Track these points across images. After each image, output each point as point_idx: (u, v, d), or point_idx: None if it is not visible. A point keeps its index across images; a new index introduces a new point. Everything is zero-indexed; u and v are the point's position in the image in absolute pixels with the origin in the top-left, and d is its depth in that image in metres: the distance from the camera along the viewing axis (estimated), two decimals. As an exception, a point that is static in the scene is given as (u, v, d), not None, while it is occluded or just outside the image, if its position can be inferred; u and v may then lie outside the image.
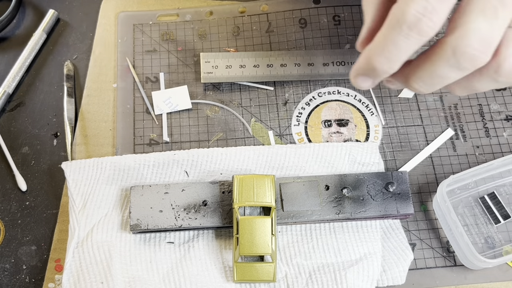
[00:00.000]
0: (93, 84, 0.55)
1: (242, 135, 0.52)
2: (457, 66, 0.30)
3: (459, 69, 0.30)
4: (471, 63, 0.30)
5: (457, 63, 0.30)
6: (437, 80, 0.31)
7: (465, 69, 0.30)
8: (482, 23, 0.29)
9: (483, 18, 0.29)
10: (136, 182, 0.48)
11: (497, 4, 0.29)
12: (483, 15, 0.29)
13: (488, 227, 0.48)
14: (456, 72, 0.30)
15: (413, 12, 0.30)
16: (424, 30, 0.31)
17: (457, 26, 0.30)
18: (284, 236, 0.47)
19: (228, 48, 0.57)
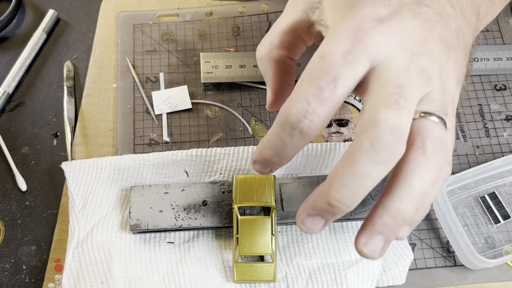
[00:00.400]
0: (93, 84, 0.55)
1: (242, 135, 0.52)
2: (378, 159, 0.31)
3: (380, 163, 0.31)
4: (388, 152, 0.31)
5: (377, 155, 0.31)
6: (360, 181, 0.31)
7: (385, 162, 0.31)
8: (389, 114, 0.31)
9: (389, 109, 0.31)
10: (136, 182, 0.48)
11: (398, 98, 0.31)
12: (388, 107, 0.31)
13: (488, 227, 0.48)
14: (377, 167, 0.31)
15: (294, 112, 0.32)
16: (305, 131, 0.32)
17: (368, 121, 0.31)
18: (284, 236, 0.46)
19: (228, 48, 0.57)
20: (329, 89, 0.32)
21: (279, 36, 0.40)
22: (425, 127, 0.32)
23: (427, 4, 0.34)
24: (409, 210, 0.32)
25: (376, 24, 0.33)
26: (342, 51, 0.32)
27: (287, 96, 0.40)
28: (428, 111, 0.33)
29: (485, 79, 0.55)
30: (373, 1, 0.34)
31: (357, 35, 0.32)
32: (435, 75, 0.33)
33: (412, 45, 0.33)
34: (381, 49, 0.33)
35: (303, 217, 0.33)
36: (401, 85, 0.32)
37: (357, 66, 0.32)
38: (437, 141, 0.32)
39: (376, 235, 0.33)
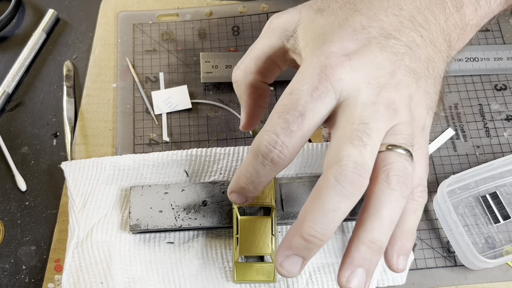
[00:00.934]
0: (93, 84, 0.55)
1: (242, 135, 0.52)
2: (344, 193, 0.32)
3: (347, 197, 0.32)
4: (353, 186, 0.32)
5: (343, 189, 0.32)
6: (330, 215, 0.32)
7: (351, 195, 0.32)
8: (352, 151, 0.32)
9: (352, 146, 0.32)
10: (136, 182, 0.48)
11: (361, 135, 0.33)
12: (352, 144, 0.32)
13: (488, 227, 0.48)
14: (344, 200, 0.32)
15: (265, 143, 0.34)
16: (275, 160, 0.34)
17: (332, 158, 0.33)
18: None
19: (228, 48, 0.56)
20: (296, 124, 0.34)
21: (254, 61, 0.41)
22: (390, 160, 0.34)
23: (395, 37, 0.36)
24: (382, 239, 0.34)
25: (343, 60, 0.34)
26: (309, 88, 0.34)
27: (259, 119, 0.44)
28: (394, 143, 0.34)
29: (486, 79, 0.55)
30: (342, 36, 0.35)
31: (323, 71, 0.34)
32: (402, 107, 0.34)
33: (380, 78, 0.34)
34: (347, 84, 0.34)
35: (281, 259, 0.34)
36: (365, 121, 0.33)
37: (323, 102, 0.34)
38: (401, 173, 0.33)
39: (357, 269, 0.34)
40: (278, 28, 0.40)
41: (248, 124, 0.44)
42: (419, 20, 0.37)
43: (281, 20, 0.40)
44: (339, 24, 0.36)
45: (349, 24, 0.36)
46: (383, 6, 0.36)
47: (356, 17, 0.36)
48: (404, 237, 0.36)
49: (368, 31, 0.35)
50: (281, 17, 0.40)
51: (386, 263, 0.37)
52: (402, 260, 0.36)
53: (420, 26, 0.37)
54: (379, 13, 0.36)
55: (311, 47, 0.37)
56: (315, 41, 0.36)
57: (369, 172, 0.33)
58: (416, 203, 0.37)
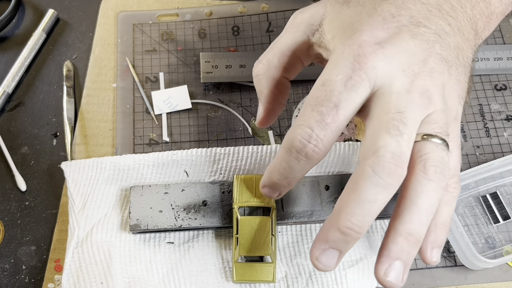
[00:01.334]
0: (93, 84, 0.55)
1: (242, 135, 0.52)
2: (381, 184, 0.32)
3: (384, 187, 0.32)
4: (390, 177, 0.32)
5: (380, 180, 0.32)
6: (368, 207, 0.32)
7: (389, 186, 0.32)
8: (389, 140, 0.32)
9: (389, 136, 0.32)
10: (136, 182, 0.48)
11: (398, 124, 0.32)
12: (389, 134, 0.32)
13: (488, 227, 0.48)
14: (382, 191, 0.32)
15: (299, 138, 0.34)
16: (310, 155, 0.34)
17: (369, 148, 0.32)
18: (284, 236, 0.46)
19: (228, 48, 0.56)
20: (330, 116, 0.33)
21: (278, 56, 0.41)
22: (427, 150, 0.33)
23: (425, 25, 0.35)
24: (420, 230, 0.33)
25: (376, 48, 0.34)
26: (343, 78, 0.33)
27: (276, 115, 0.43)
28: (430, 133, 0.33)
29: (486, 79, 0.55)
30: (372, 25, 0.35)
31: (357, 60, 0.33)
32: (436, 95, 0.34)
33: (413, 66, 0.34)
34: (381, 73, 0.33)
35: (318, 254, 0.34)
36: (401, 110, 0.33)
37: (357, 91, 0.33)
38: (438, 163, 0.33)
39: (394, 262, 0.33)
40: (302, 22, 0.39)
41: (265, 120, 0.43)
42: (446, 9, 0.36)
43: (306, 14, 0.39)
44: (368, 14, 0.35)
45: (378, 13, 0.35)
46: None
47: (384, 6, 0.36)
48: (438, 229, 0.36)
49: (398, 20, 0.35)
50: (306, 12, 0.39)
51: (420, 256, 0.36)
52: (436, 252, 0.36)
53: (448, 14, 0.36)
54: (407, 2, 0.36)
55: (340, 37, 0.36)
56: (344, 32, 0.36)
57: (407, 162, 0.32)
58: (450, 195, 0.36)
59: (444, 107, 0.34)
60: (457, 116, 0.36)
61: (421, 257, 0.36)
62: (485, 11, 0.39)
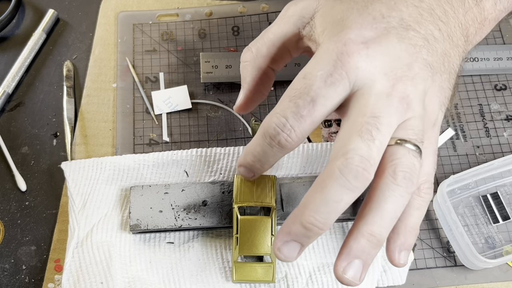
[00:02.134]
0: (93, 84, 0.55)
1: (242, 135, 0.52)
2: (347, 186, 0.32)
3: (350, 189, 0.32)
4: (357, 180, 0.32)
5: (347, 182, 0.32)
6: (332, 206, 0.32)
7: (355, 188, 0.32)
8: (360, 144, 0.32)
9: (361, 139, 0.32)
10: (136, 182, 0.48)
11: (371, 129, 0.32)
12: (361, 137, 0.32)
13: (488, 227, 0.48)
14: (347, 193, 0.32)
15: (273, 126, 0.34)
16: (283, 143, 0.35)
17: (339, 149, 0.33)
18: (284, 236, 0.46)
19: (228, 48, 0.56)
20: (306, 109, 0.34)
21: (267, 45, 0.41)
22: (398, 155, 0.33)
23: (414, 29, 0.35)
24: (382, 232, 0.33)
25: (361, 48, 0.34)
26: (323, 74, 0.34)
27: (256, 104, 0.43)
28: (404, 138, 0.34)
29: (485, 79, 0.55)
30: (361, 23, 0.35)
31: (339, 58, 0.33)
32: (416, 101, 0.34)
33: (396, 70, 0.34)
34: (362, 74, 0.33)
35: (280, 245, 0.34)
36: (377, 114, 0.33)
37: (336, 89, 0.33)
38: (407, 169, 0.33)
39: (354, 260, 0.34)
40: (294, 14, 0.39)
41: (244, 107, 0.43)
42: (438, 13, 0.36)
43: (299, 6, 0.39)
44: (359, 11, 0.35)
45: (368, 11, 0.35)
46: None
47: (376, 5, 0.36)
48: (407, 232, 0.36)
49: (388, 21, 0.35)
50: (299, 4, 0.40)
51: (388, 258, 0.36)
52: (404, 255, 0.36)
53: (439, 19, 0.36)
54: (399, 3, 0.36)
55: (328, 33, 0.36)
56: (333, 27, 0.36)
57: (375, 167, 0.33)
58: (421, 199, 0.37)
59: (422, 113, 0.34)
60: (436, 123, 0.37)
61: (389, 259, 0.37)
62: (478, 17, 0.39)
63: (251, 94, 0.42)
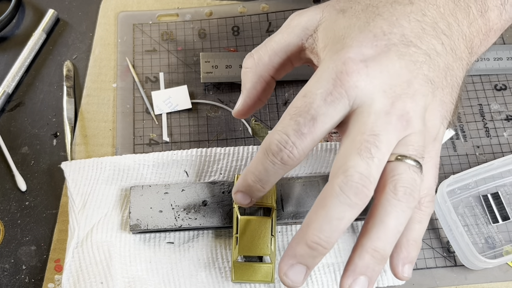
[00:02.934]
0: (93, 84, 0.55)
1: (242, 135, 0.52)
2: (348, 203, 0.32)
3: (351, 206, 0.32)
4: (357, 196, 0.32)
5: (347, 199, 0.32)
6: (336, 224, 0.33)
7: (355, 205, 0.33)
8: (359, 162, 0.33)
9: (360, 157, 0.33)
10: (136, 182, 0.48)
11: (370, 147, 0.33)
12: (360, 156, 0.33)
13: (488, 227, 0.48)
14: (349, 210, 0.33)
15: (276, 142, 0.35)
16: (285, 160, 0.35)
17: (340, 167, 0.33)
18: (284, 236, 0.46)
19: (228, 48, 0.56)
20: (307, 127, 0.34)
21: (269, 54, 0.41)
22: (399, 170, 0.34)
23: (416, 45, 0.35)
24: (386, 248, 0.34)
25: (360, 67, 0.34)
26: (323, 92, 0.34)
27: (254, 110, 0.43)
28: (404, 154, 0.34)
29: (485, 79, 0.55)
30: (361, 41, 0.35)
31: (339, 77, 0.34)
32: (416, 118, 0.34)
33: (395, 87, 0.34)
34: (361, 92, 0.34)
35: (286, 269, 0.34)
36: (376, 132, 0.33)
37: (336, 107, 0.34)
38: (408, 184, 0.33)
39: (360, 277, 0.34)
40: (298, 25, 0.40)
41: (242, 113, 0.43)
42: (442, 27, 0.36)
43: (303, 18, 0.40)
44: (360, 28, 0.36)
45: (369, 28, 0.35)
46: (406, 11, 0.36)
47: (377, 21, 0.36)
48: (410, 245, 0.37)
49: (389, 38, 0.35)
50: (303, 15, 0.40)
51: (392, 271, 0.37)
52: (408, 268, 0.37)
53: (442, 33, 0.36)
54: (401, 19, 0.36)
55: (329, 50, 0.36)
56: (334, 44, 0.36)
57: (374, 184, 0.33)
58: (422, 213, 0.37)
59: (422, 129, 0.35)
60: (437, 137, 0.37)
61: (393, 272, 0.37)
62: (483, 28, 0.39)
63: (250, 101, 0.42)
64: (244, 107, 0.43)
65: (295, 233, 0.35)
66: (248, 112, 0.43)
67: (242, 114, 0.43)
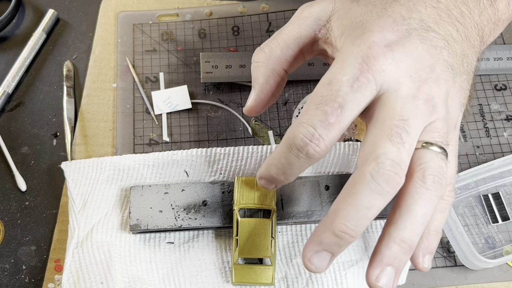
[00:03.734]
0: (93, 84, 0.55)
1: (242, 135, 0.52)
2: (379, 191, 0.32)
3: (382, 194, 0.32)
4: (388, 184, 0.32)
5: (378, 187, 0.32)
6: (364, 212, 0.32)
7: (386, 193, 0.32)
8: (391, 148, 0.32)
9: (391, 143, 0.32)
10: (136, 182, 0.48)
11: (401, 132, 0.32)
12: (391, 141, 0.32)
13: (488, 227, 0.48)
14: (379, 198, 0.32)
15: (301, 136, 0.33)
16: (311, 153, 0.34)
17: (369, 153, 0.32)
18: (284, 236, 0.46)
19: (228, 48, 0.56)
20: (335, 116, 0.33)
21: (281, 47, 0.40)
22: (426, 158, 0.33)
23: (434, 30, 0.35)
24: (413, 238, 0.33)
25: (385, 51, 0.33)
26: (349, 78, 0.33)
27: (266, 107, 0.42)
28: (431, 141, 0.33)
29: (485, 79, 0.55)
30: (382, 26, 0.34)
31: (365, 62, 0.33)
32: (440, 103, 0.34)
33: (420, 72, 0.34)
34: (388, 76, 0.33)
35: (310, 255, 0.34)
36: (405, 117, 0.32)
37: (363, 93, 0.33)
38: (436, 172, 0.33)
39: (387, 267, 0.33)
40: (310, 16, 0.39)
41: (255, 109, 0.42)
42: (455, 14, 0.36)
43: (314, 9, 0.39)
44: (378, 14, 0.35)
45: (388, 14, 0.35)
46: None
47: (395, 7, 0.35)
48: (431, 236, 0.36)
49: (408, 22, 0.34)
50: (314, 6, 0.39)
51: (412, 262, 0.36)
52: (428, 259, 0.36)
53: (456, 20, 0.36)
54: (418, 4, 0.35)
55: (349, 36, 0.36)
56: (353, 30, 0.35)
57: (405, 170, 0.32)
58: (445, 203, 0.36)
59: (446, 116, 0.34)
60: (457, 125, 0.37)
61: (413, 263, 0.36)
62: (492, 17, 0.39)
63: (262, 96, 0.41)
64: (257, 102, 0.41)
65: (322, 219, 0.34)
66: (262, 108, 0.42)
67: (255, 110, 0.42)
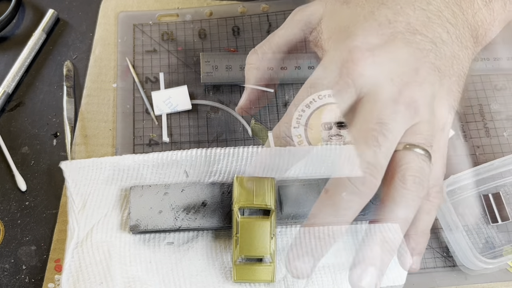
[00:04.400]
0: (93, 84, 0.55)
1: (242, 136, 0.52)
2: (356, 192, 0.32)
3: (358, 195, 0.32)
4: (365, 186, 0.32)
5: (355, 188, 0.32)
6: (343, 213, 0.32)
7: (363, 194, 0.32)
8: (366, 150, 0.32)
9: (367, 146, 0.32)
10: (136, 182, 0.48)
11: (377, 135, 0.32)
12: (367, 144, 0.32)
13: (488, 227, 0.48)
14: (356, 199, 0.32)
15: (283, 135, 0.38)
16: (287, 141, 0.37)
17: None
18: (284, 237, 0.46)
19: (228, 48, 0.56)
20: None
21: (273, 49, 0.41)
22: (406, 159, 0.33)
23: (421, 33, 0.35)
24: (396, 238, 0.34)
25: (366, 56, 0.33)
26: (329, 82, 0.34)
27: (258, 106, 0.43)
28: (413, 143, 0.34)
29: (485, 79, 0.55)
30: (367, 30, 0.35)
31: (345, 66, 0.34)
32: (424, 106, 0.34)
33: (403, 75, 0.34)
34: (368, 80, 0.33)
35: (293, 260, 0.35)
36: (384, 120, 0.33)
37: (343, 97, 0.34)
38: (417, 173, 0.33)
39: (369, 267, 0.34)
40: (302, 20, 0.39)
41: (245, 108, 0.43)
42: (447, 15, 0.36)
43: (306, 12, 0.39)
44: (365, 17, 0.35)
45: (374, 17, 0.35)
46: (411, 0, 0.36)
47: (382, 10, 0.35)
48: (419, 237, 0.36)
49: (394, 26, 0.34)
50: (306, 9, 0.40)
51: (400, 263, 0.36)
52: (416, 259, 0.36)
53: (447, 21, 0.36)
54: (406, 7, 0.35)
55: (334, 40, 0.36)
56: (338, 34, 0.36)
57: (382, 172, 0.33)
58: (431, 204, 0.37)
59: (430, 118, 0.34)
60: (445, 127, 0.37)
61: (401, 264, 0.36)
62: (487, 17, 0.39)
63: (254, 98, 0.42)
64: (248, 103, 0.43)
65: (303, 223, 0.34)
66: (252, 107, 0.43)
67: (246, 110, 0.44)
